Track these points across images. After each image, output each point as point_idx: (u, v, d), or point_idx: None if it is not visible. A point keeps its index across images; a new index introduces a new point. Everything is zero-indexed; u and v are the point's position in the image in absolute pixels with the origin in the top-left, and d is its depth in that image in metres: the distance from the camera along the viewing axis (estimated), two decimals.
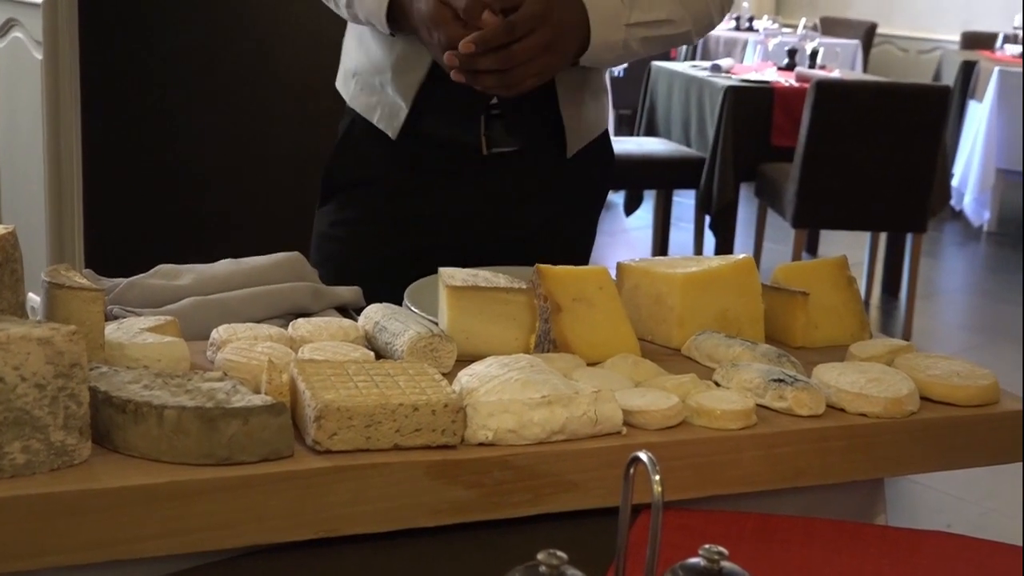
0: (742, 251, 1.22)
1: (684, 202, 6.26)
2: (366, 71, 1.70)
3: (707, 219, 5.21)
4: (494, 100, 1.65)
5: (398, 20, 1.56)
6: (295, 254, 1.46)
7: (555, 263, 1.30)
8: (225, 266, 1.42)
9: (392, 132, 1.67)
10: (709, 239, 5.37)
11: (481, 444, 1.03)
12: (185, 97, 3.08)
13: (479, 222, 1.71)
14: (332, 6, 1.67)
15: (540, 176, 1.73)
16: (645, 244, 5.86)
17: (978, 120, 6.53)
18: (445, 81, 1.51)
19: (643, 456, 0.77)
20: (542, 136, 1.71)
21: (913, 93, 4.61)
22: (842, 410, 1.17)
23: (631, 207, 5.73)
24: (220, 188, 3.12)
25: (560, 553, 0.75)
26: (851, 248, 5.64)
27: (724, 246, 5.11)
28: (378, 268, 1.68)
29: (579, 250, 1.83)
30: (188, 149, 3.09)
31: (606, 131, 1.82)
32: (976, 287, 5.95)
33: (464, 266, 1.34)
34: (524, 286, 1.28)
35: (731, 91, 5.01)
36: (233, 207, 3.11)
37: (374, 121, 1.69)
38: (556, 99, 1.67)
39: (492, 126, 1.67)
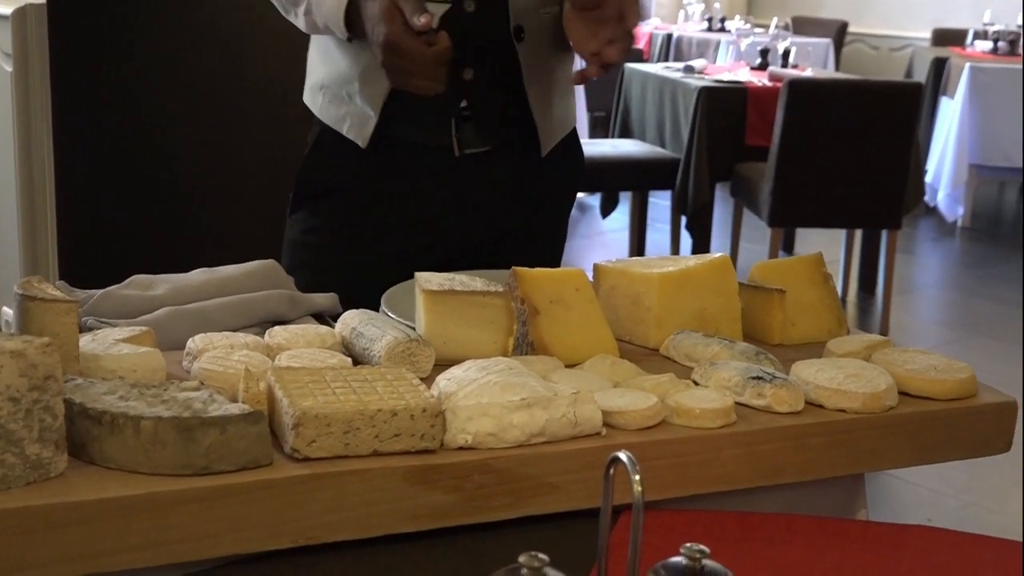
0: (719, 251, 1.23)
1: (660, 203, 6.27)
2: (333, 83, 1.70)
3: (683, 220, 5.22)
4: (464, 103, 1.65)
5: (355, 25, 1.55)
6: (270, 262, 1.45)
7: (529, 264, 1.30)
8: (199, 275, 1.41)
9: (362, 141, 1.67)
10: (686, 240, 5.38)
11: (461, 448, 1.03)
12: (157, 107, 3.06)
13: (453, 225, 1.71)
14: (292, 18, 1.67)
15: (513, 176, 1.74)
16: (622, 246, 5.87)
17: (950, 116, 6.57)
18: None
19: (623, 456, 0.77)
20: (513, 136, 1.71)
21: (885, 91, 4.63)
22: (821, 406, 1.17)
23: (607, 209, 5.74)
24: (193, 198, 3.10)
25: (541, 555, 0.74)
26: (827, 246, 5.68)
27: (701, 246, 5.12)
28: (351, 274, 1.68)
29: (552, 251, 1.83)
30: (161, 159, 3.07)
31: (574, 130, 1.84)
32: (951, 282, 5.98)
33: (439, 270, 1.34)
34: (501, 289, 1.28)
35: (705, 91, 5.02)
36: (206, 216, 3.10)
37: (343, 132, 1.69)
38: (526, 99, 1.67)
39: (463, 128, 1.67)
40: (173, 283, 1.38)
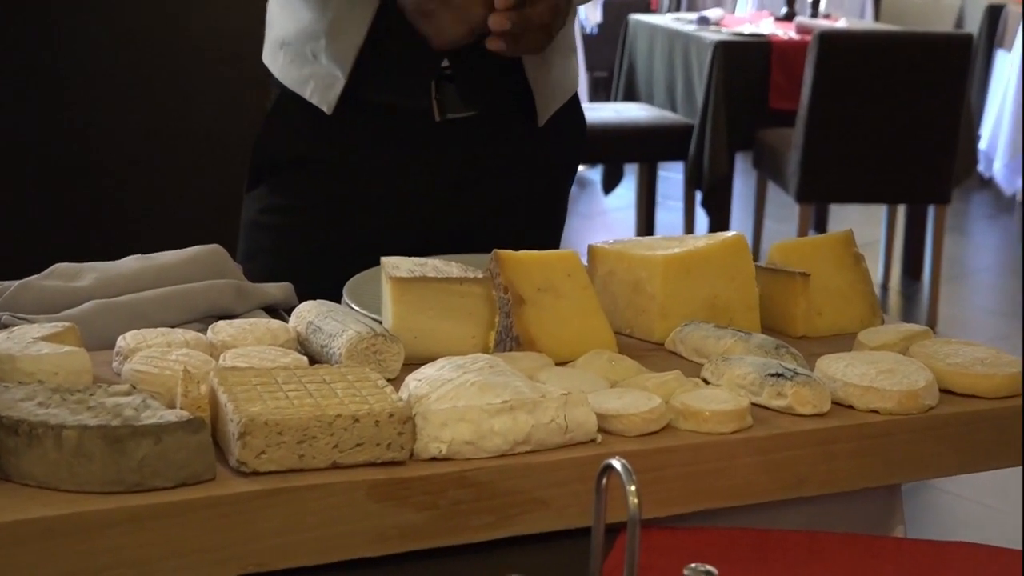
0: (738, 231, 1.23)
1: (671, 177, 6.29)
2: (296, 40, 1.70)
3: (698, 196, 5.23)
4: (445, 62, 1.66)
5: None
6: (214, 247, 1.46)
7: (524, 248, 1.31)
8: (133, 263, 1.42)
9: (327, 106, 1.67)
10: (701, 219, 5.39)
11: (434, 459, 1.03)
12: (80, 66, 3.05)
13: (433, 203, 1.72)
14: None
15: (503, 147, 1.74)
16: (627, 226, 5.88)
17: (1007, 73, 6.58)
18: (388, 42, 1.52)
19: (616, 464, 0.78)
20: (505, 101, 1.72)
21: (931, 44, 4.64)
22: (850, 407, 1.18)
23: (610, 184, 5.75)
24: (126, 175, 3.09)
25: None
26: (865, 225, 5.70)
27: (718, 226, 5.13)
28: (317, 260, 1.68)
29: (550, 233, 1.84)
30: (88, 132, 3.07)
31: (576, 95, 1.83)
32: (1009, 266, 6.00)
33: (418, 255, 1.34)
34: (481, 276, 1.28)
35: (721, 47, 5.03)
36: (141, 195, 3.09)
37: (306, 96, 1.69)
38: (520, 59, 1.68)
39: (444, 90, 1.68)
40: (101, 272, 1.38)
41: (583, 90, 6.82)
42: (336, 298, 1.37)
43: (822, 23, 5.54)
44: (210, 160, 3.17)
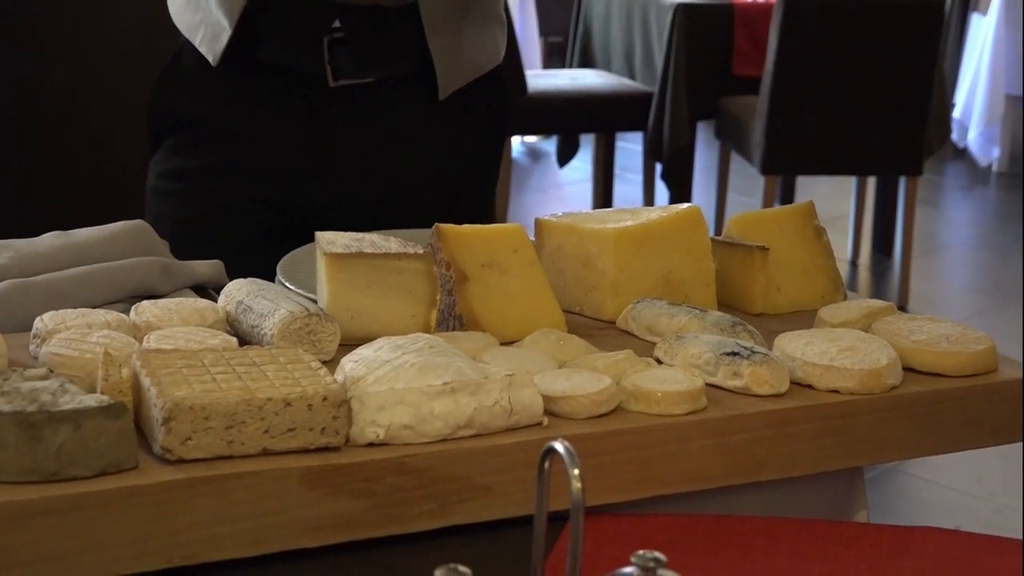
0: (701, 204, 1.24)
1: (630, 148, 6.30)
2: None
3: (658, 168, 5.25)
4: (336, 23, 1.66)
5: None
6: (138, 222, 1.46)
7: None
8: (50, 240, 1.41)
9: (213, 57, 1.67)
10: (661, 192, 5.41)
11: (371, 444, 1.03)
12: None
13: (332, 174, 1.72)
14: None
15: (404, 120, 1.74)
16: (584, 200, 5.89)
17: (982, 37, 6.63)
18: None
19: (558, 446, 0.79)
20: (404, 69, 1.71)
21: (902, 7, 4.67)
22: (810, 387, 1.19)
23: (565, 156, 5.75)
24: (38, 143, 3.06)
25: (463, 568, 0.76)
26: (833, 198, 5.74)
27: (679, 199, 5.15)
28: (222, 229, 1.68)
29: (472, 214, 1.83)
30: None
31: (498, 68, 1.82)
32: (985, 240, 6.06)
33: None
34: (421, 251, 1.28)
35: (682, 10, 5.03)
36: (57, 166, 3.06)
37: (196, 42, 1.69)
38: (421, 27, 1.67)
39: (337, 52, 1.67)
40: (16, 250, 1.38)
41: (537, 56, 6.81)
42: (256, 275, 1.36)
43: None
44: (127, 129, 3.12)
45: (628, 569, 0.80)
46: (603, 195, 5.60)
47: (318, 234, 1.30)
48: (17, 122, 3.08)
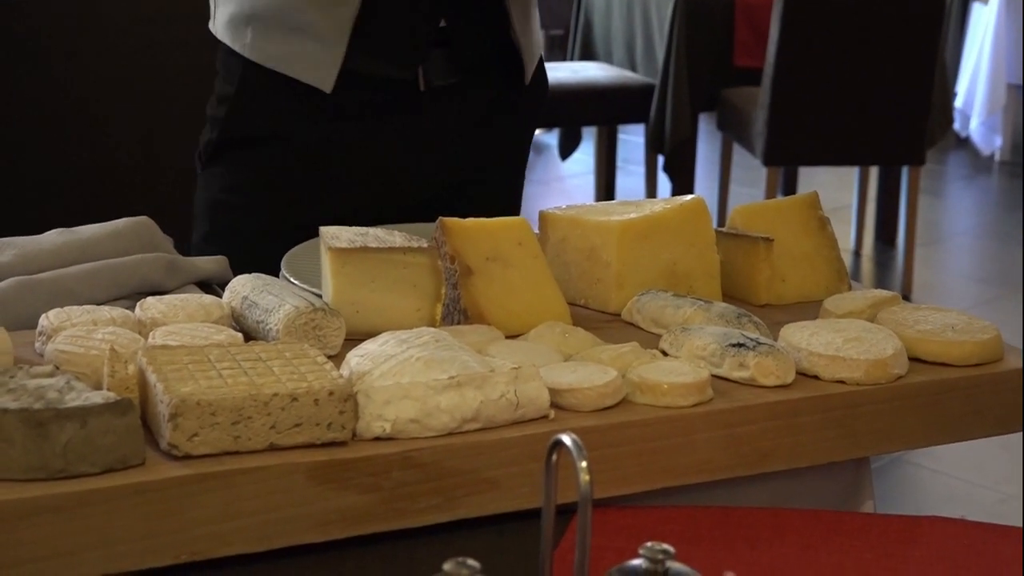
0: (703, 196, 1.24)
1: (632, 140, 6.29)
2: (271, 15, 1.68)
3: (660, 160, 5.24)
4: (442, 23, 1.68)
5: None
6: (143, 219, 1.46)
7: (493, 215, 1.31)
8: (55, 237, 1.41)
9: (327, 85, 1.66)
10: (664, 183, 5.40)
11: (377, 439, 1.04)
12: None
13: (410, 176, 1.74)
14: None
15: (475, 112, 1.76)
16: (586, 193, 5.88)
17: (984, 26, 6.62)
18: (383, 9, 1.53)
19: (566, 439, 0.79)
20: (486, 64, 1.74)
21: None
22: (816, 378, 1.19)
23: (567, 149, 5.74)
24: (41, 140, 3.06)
25: (471, 562, 0.76)
26: (835, 188, 5.73)
27: (682, 191, 5.14)
28: (286, 239, 1.68)
29: (511, 204, 1.86)
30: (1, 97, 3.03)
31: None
32: (988, 229, 6.05)
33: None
34: (426, 245, 1.28)
35: (683, 1, 5.03)
36: (60, 163, 3.07)
37: (293, 75, 1.68)
38: (508, 16, 1.70)
39: (431, 57, 1.69)
40: (21, 247, 1.38)
41: None
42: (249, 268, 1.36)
43: None
44: (133, 130, 3.13)
45: (637, 561, 0.80)
46: (605, 187, 5.59)
47: (322, 229, 1.30)
48: (20, 120, 3.09)
